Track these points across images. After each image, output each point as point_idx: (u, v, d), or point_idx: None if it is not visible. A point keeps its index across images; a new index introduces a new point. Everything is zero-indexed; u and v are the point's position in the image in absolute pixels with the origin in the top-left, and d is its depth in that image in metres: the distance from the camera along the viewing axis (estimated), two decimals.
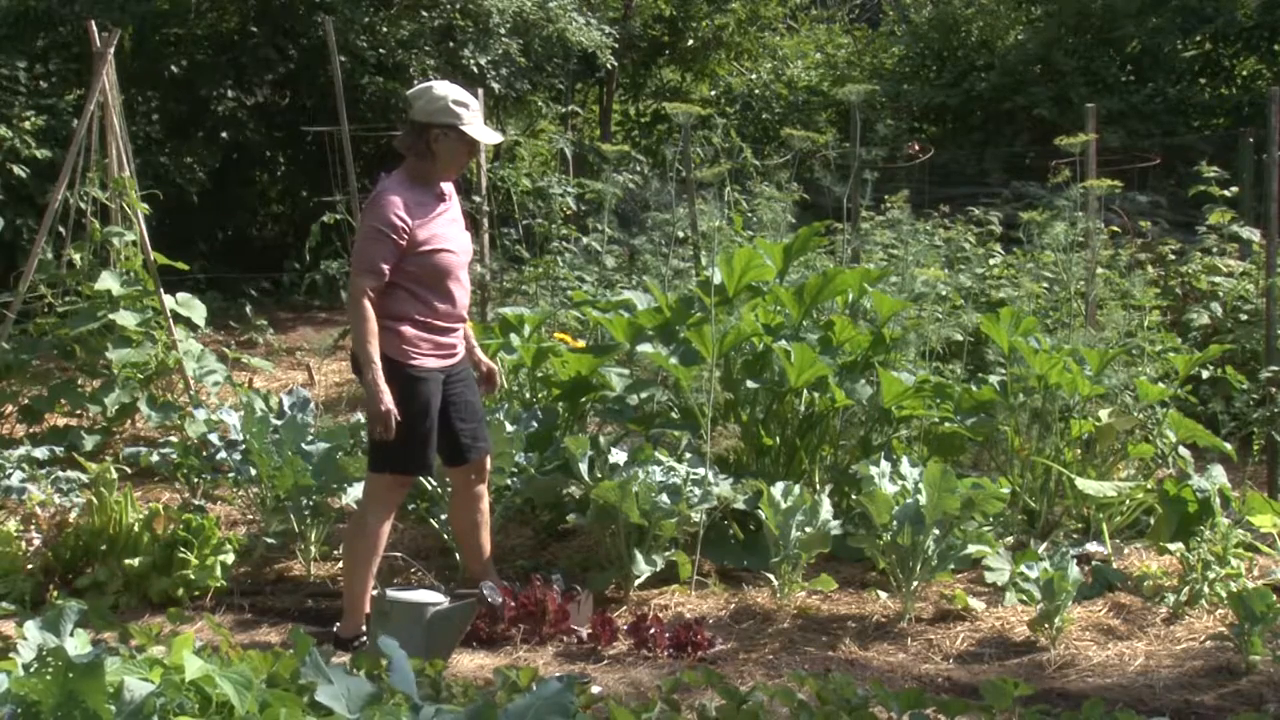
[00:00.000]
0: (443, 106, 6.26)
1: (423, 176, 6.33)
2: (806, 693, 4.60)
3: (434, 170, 6.35)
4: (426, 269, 6.24)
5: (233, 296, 15.11)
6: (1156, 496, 7.64)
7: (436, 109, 6.26)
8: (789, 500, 6.93)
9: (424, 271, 6.24)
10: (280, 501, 7.39)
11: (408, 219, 6.17)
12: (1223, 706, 5.63)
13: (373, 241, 6.15)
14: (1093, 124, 9.93)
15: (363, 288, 6.11)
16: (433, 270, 6.27)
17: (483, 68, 17.60)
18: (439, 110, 6.26)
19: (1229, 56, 21.58)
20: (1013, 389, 8.05)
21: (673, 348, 7.75)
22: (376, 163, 18.34)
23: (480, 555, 6.75)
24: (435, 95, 6.28)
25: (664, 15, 23.18)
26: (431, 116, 6.26)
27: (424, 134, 6.28)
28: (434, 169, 6.34)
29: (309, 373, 12.52)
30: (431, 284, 6.28)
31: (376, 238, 6.14)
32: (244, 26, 17.91)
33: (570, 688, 3.50)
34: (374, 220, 6.17)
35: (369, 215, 6.22)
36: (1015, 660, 6.31)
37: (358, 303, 6.13)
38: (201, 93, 16.89)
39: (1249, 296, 10.44)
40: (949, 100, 20.96)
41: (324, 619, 6.76)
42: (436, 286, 6.30)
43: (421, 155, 6.32)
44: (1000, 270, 11.00)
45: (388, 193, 6.22)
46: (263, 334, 12.98)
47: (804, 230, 8.36)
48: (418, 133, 6.30)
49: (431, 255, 6.25)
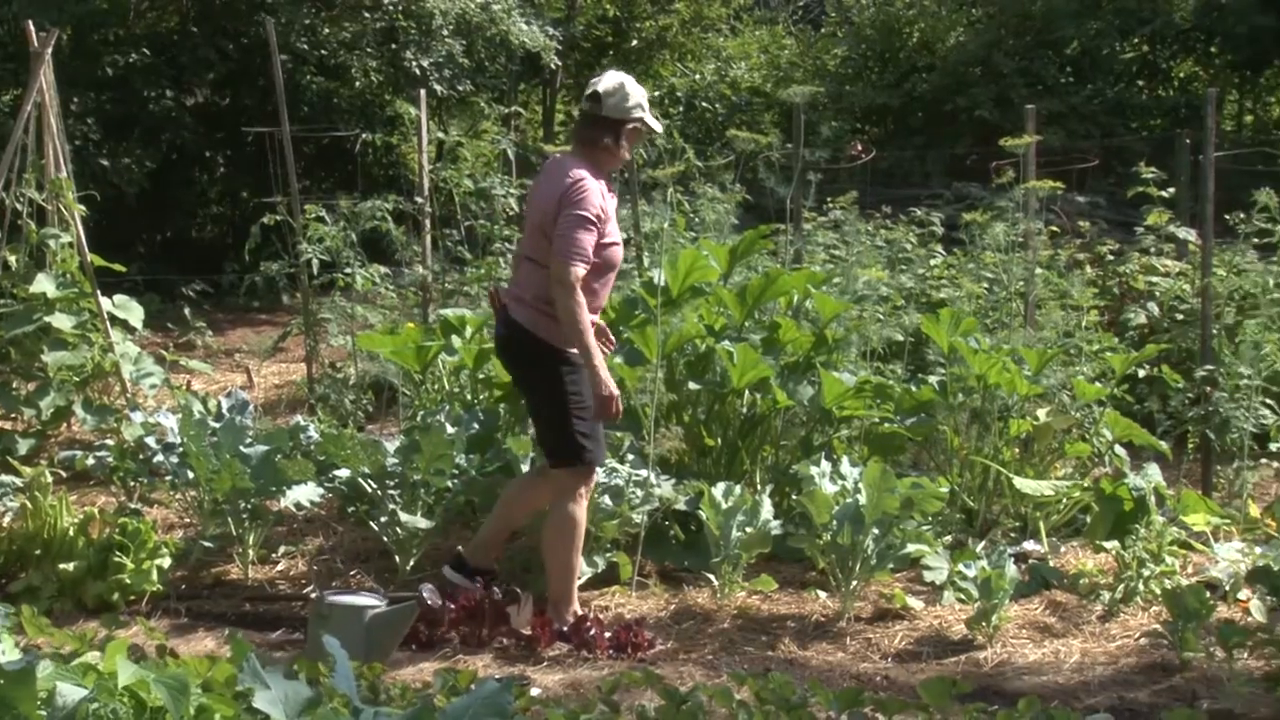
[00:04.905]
0: (637, 104, 6.41)
1: (602, 167, 6.43)
2: (745, 693, 4.61)
3: (613, 163, 6.52)
4: (604, 262, 6.35)
5: (171, 298, 14.99)
6: (1093, 495, 7.71)
7: (631, 106, 6.40)
8: (730, 500, 6.95)
9: (602, 264, 6.33)
10: (218, 505, 7.34)
11: (606, 209, 6.27)
12: (1157, 703, 5.68)
13: (584, 230, 6.18)
14: (1033, 125, 9.98)
15: (579, 275, 6.15)
16: (608, 263, 6.40)
17: (425, 69, 17.56)
18: (634, 108, 6.41)
19: (1166, 59, 21.80)
20: (952, 389, 8.10)
21: (616, 348, 7.75)
22: (317, 163, 18.31)
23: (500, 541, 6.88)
24: (629, 93, 6.40)
25: (608, 16, 23.16)
26: (627, 114, 6.40)
27: (618, 131, 6.39)
28: (614, 162, 6.52)
29: (248, 375, 12.46)
30: (602, 276, 6.38)
31: (587, 226, 6.20)
32: (183, 27, 17.79)
33: (508, 689, 3.49)
34: (584, 208, 6.19)
35: (575, 203, 6.20)
36: (953, 658, 6.35)
37: (573, 291, 6.13)
38: (140, 93, 16.74)
39: (1185, 296, 10.52)
40: (891, 101, 21.05)
41: (262, 623, 6.74)
42: (604, 278, 6.42)
43: (609, 150, 6.42)
44: (941, 271, 11.05)
45: (588, 180, 6.25)
46: (201, 336, 12.88)
47: (750, 233, 8.38)
48: (609, 128, 6.39)
49: (610, 248, 6.38)
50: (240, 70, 17.44)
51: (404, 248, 10.46)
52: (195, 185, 18.72)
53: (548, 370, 6.29)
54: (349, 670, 3.65)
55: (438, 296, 10.75)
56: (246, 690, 3.51)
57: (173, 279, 15.43)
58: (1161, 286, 10.79)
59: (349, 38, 17.80)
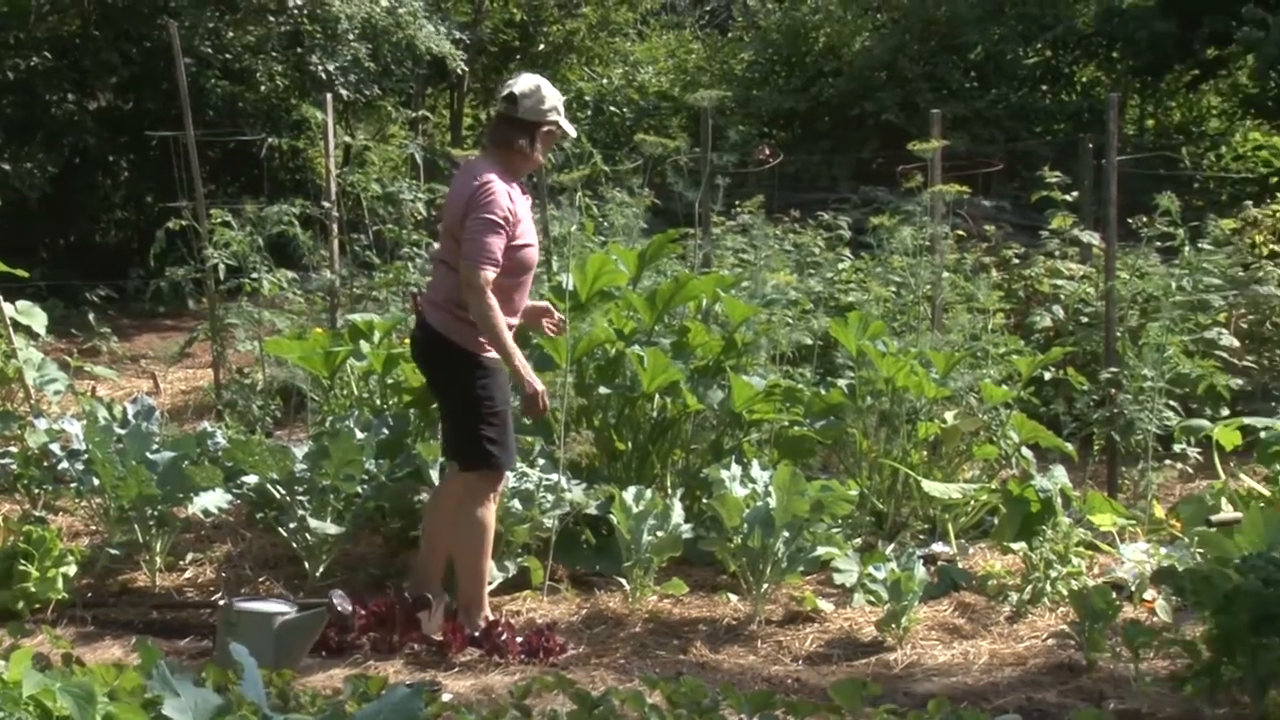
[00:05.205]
0: (552, 107, 6.40)
1: (514, 170, 6.42)
2: (657, 697, 4.62)
3: (526, 166, 6.50)
4: (517, 264, 6.33)
5: (75, 304, 14.79)
6: (1000, 497, 7.77)
7: (546, 109, 6.39)
8: (641, 504, 6.96)
9: (514, 266, 6.32)
10: (124, 512, 7.24)
11: (515, 210, 6.25)
12: (1065, 703, 5.73)
13: (492, 232, 6.17)
14: (938, 129, 10.07)
15: (488, 279, 6.14)
16: (521, 265, 6.37)
17: (331, 73, 17.47)
18: (549, 110, 6.40)
19: (1068, 64, 22.08)
20: (861, 392, 8.15)
21: (525, 353, 7.72)
22: (222, 167, 18.14)
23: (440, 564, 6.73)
24: (545, 95, 6.39)
25: (514, 20, 23.11)
26: (542, 116, 6.38)
27: (531, 132, 6.36)
28: (527, 165, 6.50)
29: (154, 381, 12.33)
30: (516, 278, 6.36)
31: (495, 228, 6.18)
32: (85, 30, 17.56)
33: (418, 694, 3.49)
34: (491, 211, 6.18)
35: (482, 205, 6.19)
36: (863, 660, 6.38)
37: (484, 294, 6.12)
38: (42, 97, 16.52)
39: (1090, 299, 10.65)
40: (798, 106, 21.16)
41: (169, 631, 6.66)
42: (519, 280, 6.40)
43: (523, 152, 6.40)
44: (849, 275, 11.11)
45: (496, 183, 6.25)
46: (106, 342, 12.75)
47: (658, 237, 8.40)
48: (524, 130, 6.37)
49: (523, 250, 6.36)
50: (144, 74, 17.25)
51: (311, 252, 10.38)
52: (99, 190, 18.51)
53: (460, 374, 6.27)
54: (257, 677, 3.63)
55: (346, 301, 10.69)
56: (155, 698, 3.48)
57: (77, 284, 15.23)
58: (1066, 290, 10.92)
59: (254, 41, 17.67)
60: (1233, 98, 22.22)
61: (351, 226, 10.96)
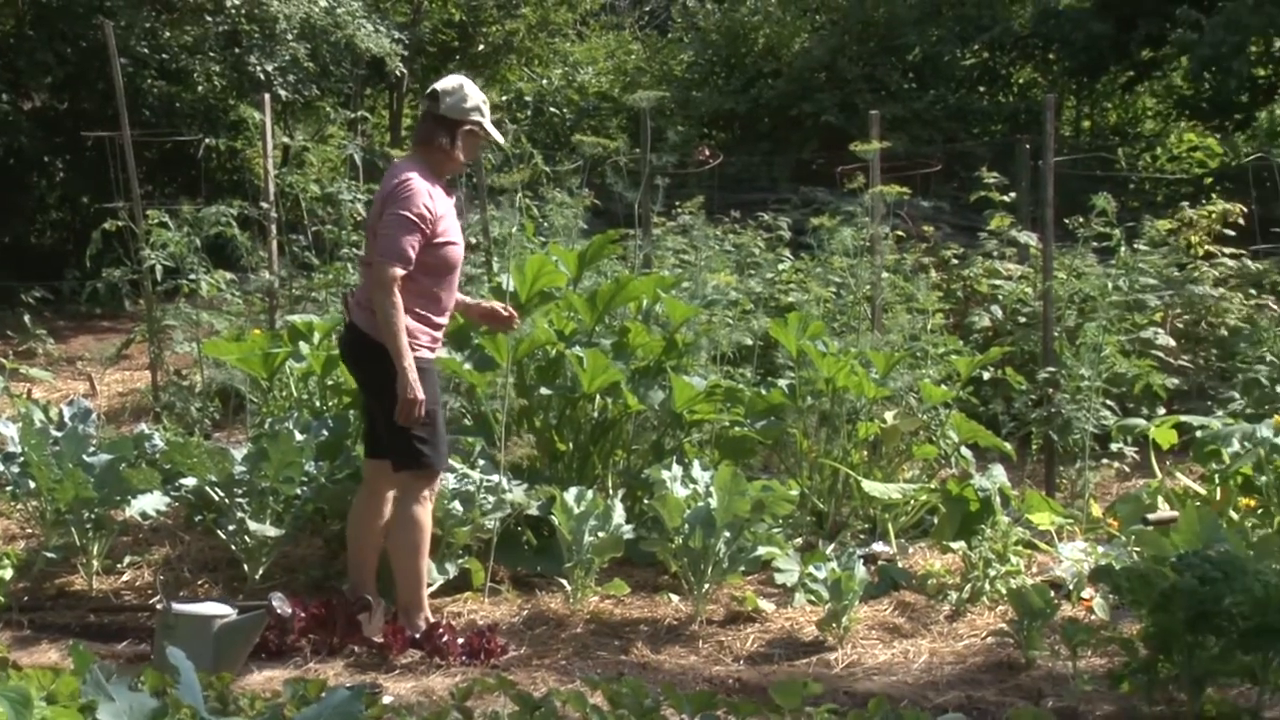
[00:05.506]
0: (474, 106, 6.41)
1: (436, 169, 6.42)
2: (599, 697, 4.62)
3: (448, 164, 6.47)
4: (439, 261, 6.32)
5: (10, 305, 14.65)
6: (940, 496, 7.81)
7: (468, 108, 6.39)
8: (582, 505, 6.95)
9: (437, 264, 6.31)
10: (61, 515, 7.19)
11: (434, 209, 6.23)
12: (1003, 701, 5.77)
13: (405, 229, 6.16)
14: (877, 130, 10.10)
15: (395, 276, 6.13)
16: (444, 263, 6.36)
17: (269, 74, 17.41)
18: (471, 109, 6.40)
19: (1005, 65, 22.25)
20: (801, 392, 8.18)
21: (466, 354, 7.72)
22: (159, 168, 18.02)
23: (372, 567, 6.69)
24: (467, 94, 6.40)
25: (454, 20, 23.07)
26: (464, 115, 6.39)
27: (453, 131, 6.37)
28: (449, 163, 6.47)
29: (91, 383, 12.23)
30: (440, 277, 6.36)
31: (409, 225, 6.17)
32: (19, 30, 17.41)
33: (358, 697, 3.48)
34: (405, 208, 6.18)
35: (397, 202, 6.20)
36: (804, 660, 6.40)
37: (390, 291, 6.12)
38: None
39: (1027, 299, 10.71)
40: (738, 107, 21.21)
41: (106, 634, 6.61)
42: (444, 279, 6.39)
43: (444, 149, 6.40)
44: (789, 275, 11.14)
45: (414, 180, 6.25)
46: (42, 343, 12.65)
47: (598, 237, 8.39)
48: (446, 128, 6.38)
49: (445, 248, 6.34)
50: (79, 74, 17.13)
51: (250, 253, 10.33)
52: (34, 190, 18.37)
53: (388, 374, 6.23)
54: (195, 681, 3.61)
55: (285, 302, 10.64)
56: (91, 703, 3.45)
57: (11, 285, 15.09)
58: (1004, 290, 10.99)
59: (191, 41, 17.58)
60: (1168, 99, 22.45)
61: (290, 227, 10.91)
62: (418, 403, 6.14)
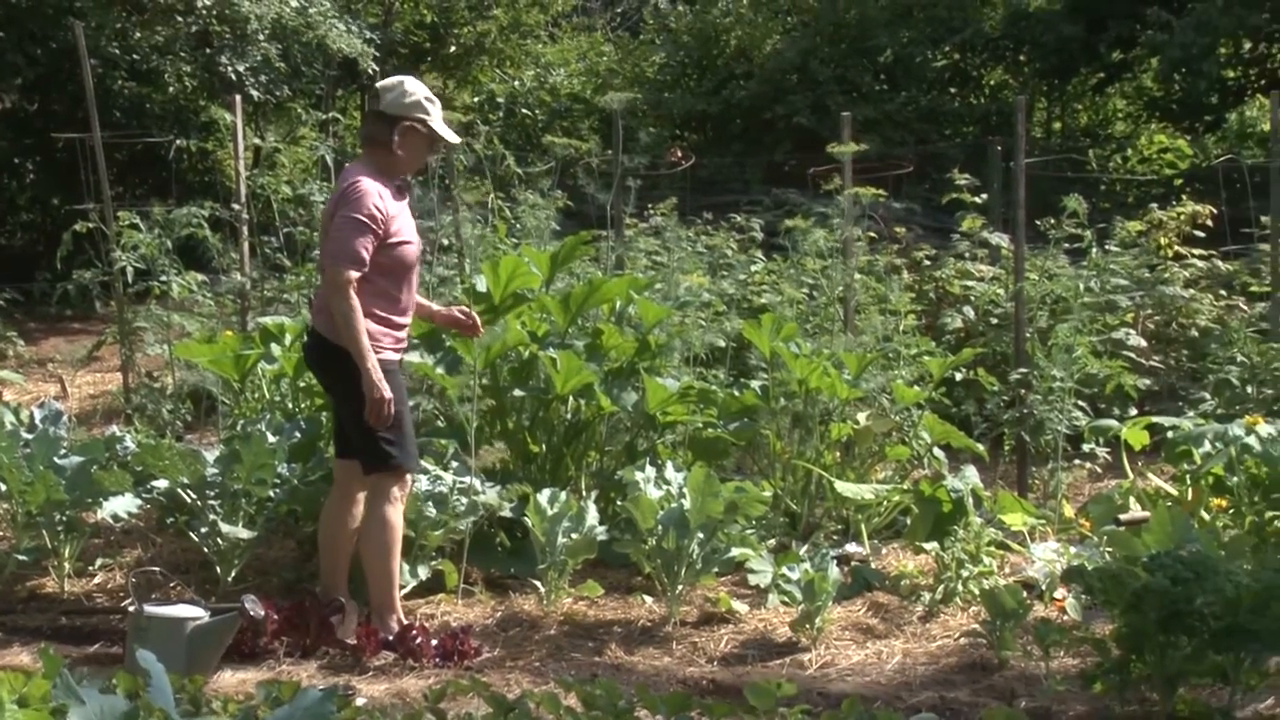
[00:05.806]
0: (415, 102, 6.38)
1: (387, 169, 6.39)
2: (573, 699, 4.61)
3: (397, 164, 6.43)
4: (394, 262, 6.31)
5: None
6: (912, 497, 7.82)
7: (409, 104, 6.36)
8: (555, 507, 6.94)
9: (392, 264, 6.30)
10: (32, 517, 7.15)
11: (385, 209, 6.21)
12: (976, 701, 5.77)
13: (356, 231, 6.15)
14: (849, 132, 10.12)
15: (350, 278, 6.12)
16: (399, 263, 6.34)
17: (240, 74, 17.35)
18: (411, 105, 6.36)
19: (977, 67, 22.29)
20: (774, 393, 8.18)
21: (439, 356, 7.71)
22: (130, 169, 17.95)
23: (344, 570, 6.65)
24: (407, 90, 6.38)
25: (425, 21, 23.03)
26: (404, 111, 6.36)
27: (393, 127, 6.34)
28: (397, 162, 6.42)
29: (62, 385, 12.18)
30: (397, 277, 6.35)
31: (359, 227, 6.16)
32: None
33: (329, 698, 3.46)
34: (355, 210, 6.16)
35: (348, 205, 6.19)
36: (778, 661, 6.40)
37: (345, 293, 6.11)
38: None
39: (999, 300, 10.75)
40: (710, 108, 21.23)
41: (78, 637, 6.58)
42: (400, 280, 6.37)
43: (388, 148, 6.37)
44: (762, 276, 11.15)
45: (363, 182, 6.24)
46: (12, 345, 12.60)
47: (570, 239, 8.38)
48: (387, 125, 6.36)
49: (399, 248, 6.32)
50: (49, 75, 17.05)
51: (221, 255, 10.29)
52: (4, 192, 18.30)
53: (352, 377, 6.21)
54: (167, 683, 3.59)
55: (256, 304, 10.62)
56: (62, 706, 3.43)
57: None
58: (977, 291, 11.01)
59: (161, 42, 17.51)
60: (1138, 100, 22.53)
61: (262, 229, 10.88)
62: (386, 401, 6.13)
